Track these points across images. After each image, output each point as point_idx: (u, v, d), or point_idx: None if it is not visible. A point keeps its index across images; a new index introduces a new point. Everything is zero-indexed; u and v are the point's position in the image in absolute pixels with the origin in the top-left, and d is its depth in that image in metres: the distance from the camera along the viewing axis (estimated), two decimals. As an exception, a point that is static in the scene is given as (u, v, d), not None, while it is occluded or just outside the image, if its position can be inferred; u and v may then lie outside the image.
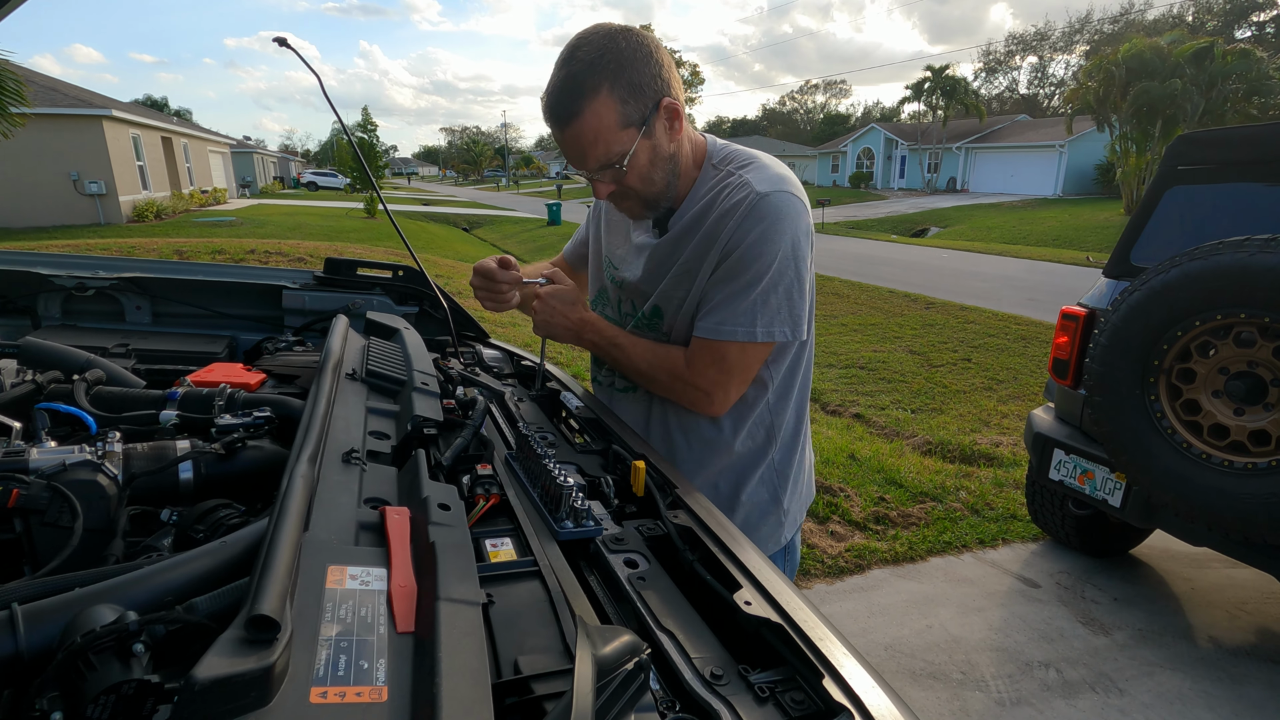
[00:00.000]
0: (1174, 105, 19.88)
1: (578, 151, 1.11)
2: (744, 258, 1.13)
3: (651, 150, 1.12)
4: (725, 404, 1.22)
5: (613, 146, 1.09)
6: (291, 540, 0.57)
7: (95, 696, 0.48)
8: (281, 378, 1.24)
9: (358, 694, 0.47)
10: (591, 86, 1.05)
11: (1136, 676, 2.48)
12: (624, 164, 1.10)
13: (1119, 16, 50.56)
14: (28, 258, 1.66)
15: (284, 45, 1.41)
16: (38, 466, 0.74)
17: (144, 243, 10.86)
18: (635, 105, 1.08)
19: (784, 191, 1.14)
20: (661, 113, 1.11)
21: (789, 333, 1.17)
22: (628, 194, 1.18)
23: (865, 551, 3.20)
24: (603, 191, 1.17)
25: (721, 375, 1.19)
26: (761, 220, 1.12)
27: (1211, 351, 2.20)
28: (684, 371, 1.21)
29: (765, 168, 1.18)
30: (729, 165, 1.20)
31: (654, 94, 1.09)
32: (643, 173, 1.14)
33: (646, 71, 1.07)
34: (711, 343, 1.17)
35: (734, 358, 1.17)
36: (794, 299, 1.16)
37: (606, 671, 0.51)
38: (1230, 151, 2.51)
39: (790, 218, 1.13)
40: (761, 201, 1.12)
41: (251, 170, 38.46)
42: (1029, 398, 5.68)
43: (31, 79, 14.64)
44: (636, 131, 1.09)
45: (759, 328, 1.15)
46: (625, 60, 1.06)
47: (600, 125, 1.07)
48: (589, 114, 1.06)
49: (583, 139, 1.08)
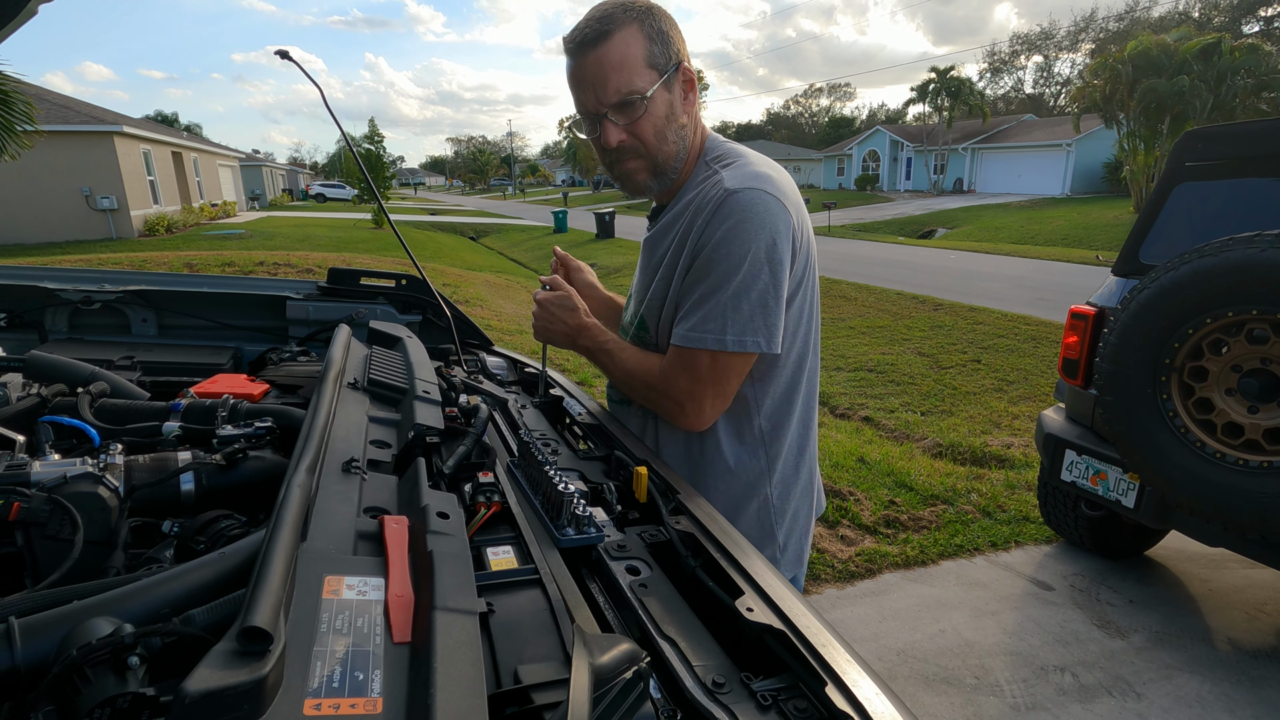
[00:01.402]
0: (1182, 102, 19.73)
1: (600, 76, 1.07)
2: (711, 258, 1.08)
3: (669, 105, 1.11)
4: (699, 417, 1.15)
5: (635, 79, 1.07)
6: (287, 551, 0.57)
7: (90, 710, 0.48)
8: (285, 388, 1.25)
9: (352, 705, 0.46)
10: (624, 19, 1.07)
11: (1154, 680, 2.44)
12: (645, 100, 1.08)
13: (1124, 14, 50.33)
14: (34, 272, 1.68)
15: (286, 58, 1.42)
16: (39, 479, 0.75)
17: (155, 256, 10.97)
18: (661, 50, 1.09)
19: (755, 189, 1.08)
20: (680, 75, 1.12)
21: (763, 343, 1.08)
22: (638, 150, 1.13)
23: (876, 555, 3.17)
24: (613, 137, 1.11)
25: (694, 386, 1.12)
26: (728, 218, 1.07)
27: (1224, 349, 2.17)
28: (658, 380, 1.16)
29: (745, 165, 1.14)
30: (716, 163, 1.17)
31: (676, 54, 1.11)
32: (658, 125, 1.11)
33: (673, 31, 1.11)
34: (682, 350, 1.11)
35: (705, 367, 1.10)
36: (768, 306, 1.07)
37: (604, 680, 0.50)
38: (1239, 147, 2.48)
39: (760, 216, 1.06)
40: (730, 199, 1.07)
41: (260, 183, 38.85)
42: (1040, 398, 5.63)
43: (45, 97, 14.88)
44: (658, 76, 1.09)
45: (729, 335, 1.07)
46: (655, 12, 1.09)
47: (628, 53, 1.06)
48: (619, 39, 1.06)
49: (607, 62, 1.06)
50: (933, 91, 35.08)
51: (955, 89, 34.51)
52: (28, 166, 13.52)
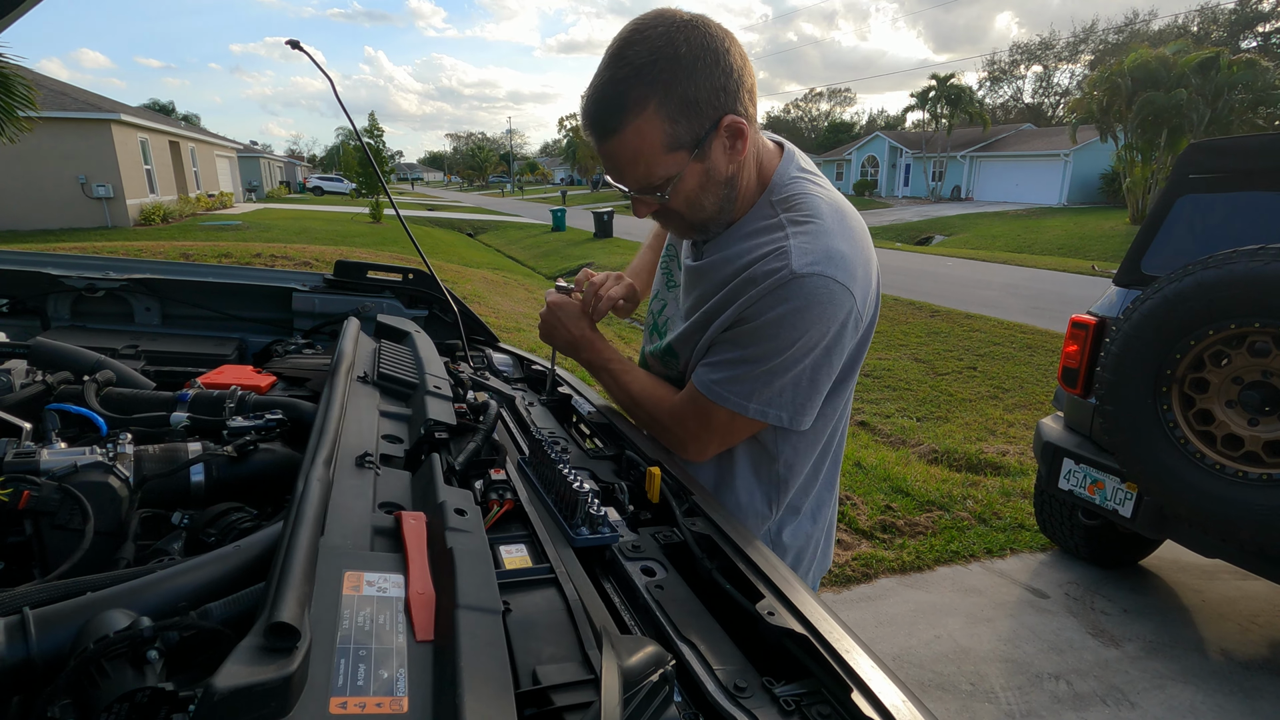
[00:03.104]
0: (1179, 115, 19.87)
1: (615, 170, 0.98)
2: (757, 334, 0.98)
3: (703, 174, 0.96)
4: (701, 456, 1.13)
5: (655, 170, 0.94)
6: (308, 545, 0.56)
7: (108, 704, 0.47)
8: (292, 380, 1.23)
9: (378, 705, 0.46)
10: (636, 100, 0.89)
11: (1148, 689, 2.45)
12: (666, 191, 0.97)
13: (1124, 26, 50.59)
14: (38, 258, 1.66)
15: (297, 48, 1.41)
16: (49, 468, 0.74)
17: (150, 246, 10.90)
18: (688, 125, 0.91)
19: (824, 276, 0.94)
20: (722, 132, 0.93)
21: (785, 419, 1.03)
22: (671, 216, 1.05)
23: (872, 560, 3.18)
24: (642, 212, 1.03)
25: (703, 431, 1.09)
26: (786, 303, 0.95)
27: (1225, 361, 2.18)
28: (666, 415, 1.13)
29: (819, 236, 0.97)
30: (786, 212, 1.02)
31: (714, 111, 0.91)
32: (690, 198, 0.99)
33: (708, 84, 0.90)
34: (701, 397, 1.06)
35: (720, 421, 1.06)
36: (801, 388, 1.01)
37: (632, 683, 0.49)
38: (1243, 160, 2.50)
39: (822, 306, 0.95)
40: (794, 282, 0.94)
41: (258, 175, 38.67)
42: (1035, 406, 5.66)
43: (42, 83, 14.75)
44: (687, 155, 0.93)
45: (753, 404, 1.02)
46: (683, 69, 0.88)
47: (642, 146, 0.92)
48: (630, 132, 0.91)
49: (620, 158, 0.95)
50: (933, 99, 35.20)
51: (955, 96, 34.64)
52: (24, 153, 13.44)
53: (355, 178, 24.65)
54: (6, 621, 0.52)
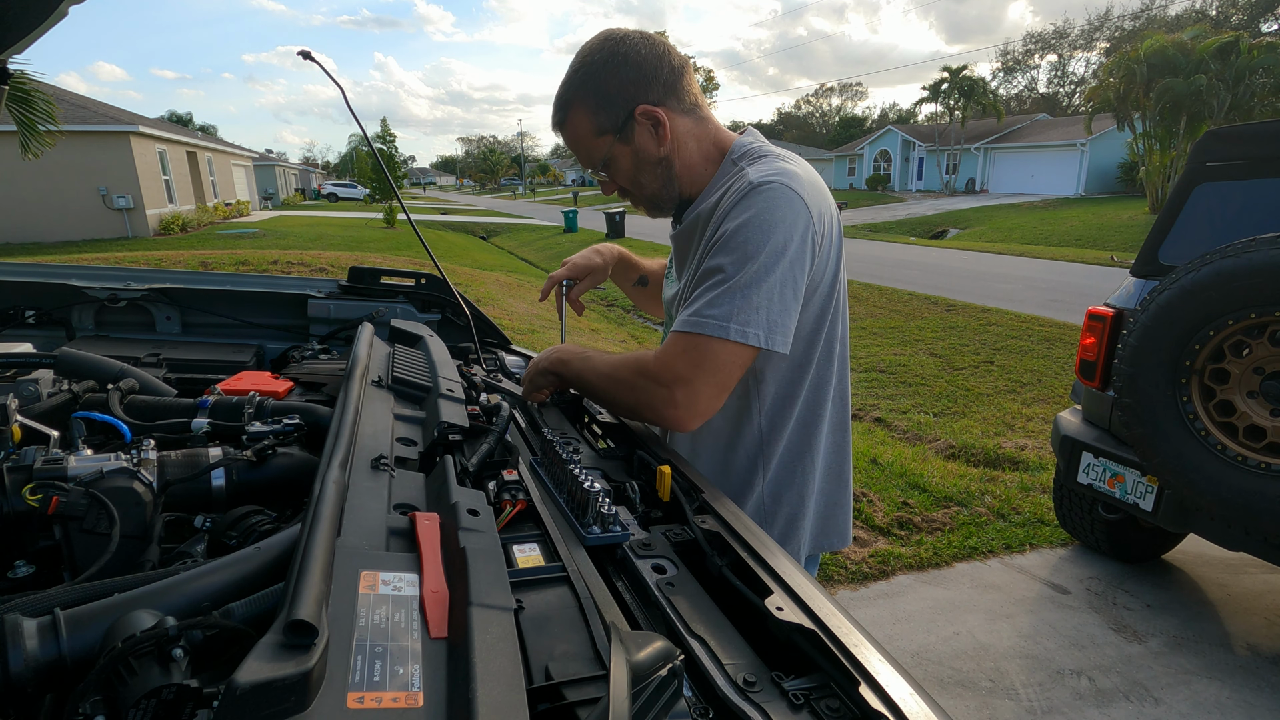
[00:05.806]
0: (1199, 102, 19.51)
1: (573, 152, 1.22)
2: (725, 246, 1.05)
3: (633, 156, 1.17)
4: (691, 407, 1.06)
5: (594, 153, 1.18)
6: (325, 545, 0.57)
7: (136, 701, 0.48)
8: (308, 385, 1.26)
9: (394, 699, 0.47)
10: (566, 99, 1.15)
11: (1172, 685, 2.42)
12: (606, 161, 1.18)
13: (1139, 13, 49.83)
14: (62, 270, 1.70)
15: (308, 58, 1.44)
16: (76, 474, 0.76)
17: (170, 255, 11.09)
18: (608, 115, 1.13)
19: (780, 184, 1.05)
20: (640, 119, 1.13)
21: (763, 338, 1.03)
22: (626, 193, 1.24)
23: (889, 557, 3.16)
24: (607, 189, 1.26)
25: (689, 370, 1.05)
26: (749, 209, 1.05)
27: (1245, 351, 2.14)
28: (650, 365, 1.09)
29: (773, 161, 1.12)
30: (744, 159, 1.16)
31: (627, 102, 1.12)
32: (628, 176, 1.20)
33: (616, 80, 1.12)
34: (681, 335, 1.06)
35: (703, 352, 1.04)
36: (774, 303, 1.03)
37: (641, 678, 0.50)
38: (1261, 147, 2.45)
39: (783, 209, 1.04)
40: (753, 192, 1.05)
41: (273, 183, 39.17)
42: (1053, 400, 5.59)
43: (63, 98, 15.05)
44: (612, 138, 1.15)
45: (732, 324, 1.02)
46: (595, 71, 1.12)
47: (578, 133, 1.17)
48: (569, 123, 1.17)
49: (571, 144, 1.20)
50: (945, 91, 34.88)
51: (968, 88, 34.29)
52: (46, 166, 13.70)
53: (369, 183, 24.90)
54: (39, 622, 0.54)
